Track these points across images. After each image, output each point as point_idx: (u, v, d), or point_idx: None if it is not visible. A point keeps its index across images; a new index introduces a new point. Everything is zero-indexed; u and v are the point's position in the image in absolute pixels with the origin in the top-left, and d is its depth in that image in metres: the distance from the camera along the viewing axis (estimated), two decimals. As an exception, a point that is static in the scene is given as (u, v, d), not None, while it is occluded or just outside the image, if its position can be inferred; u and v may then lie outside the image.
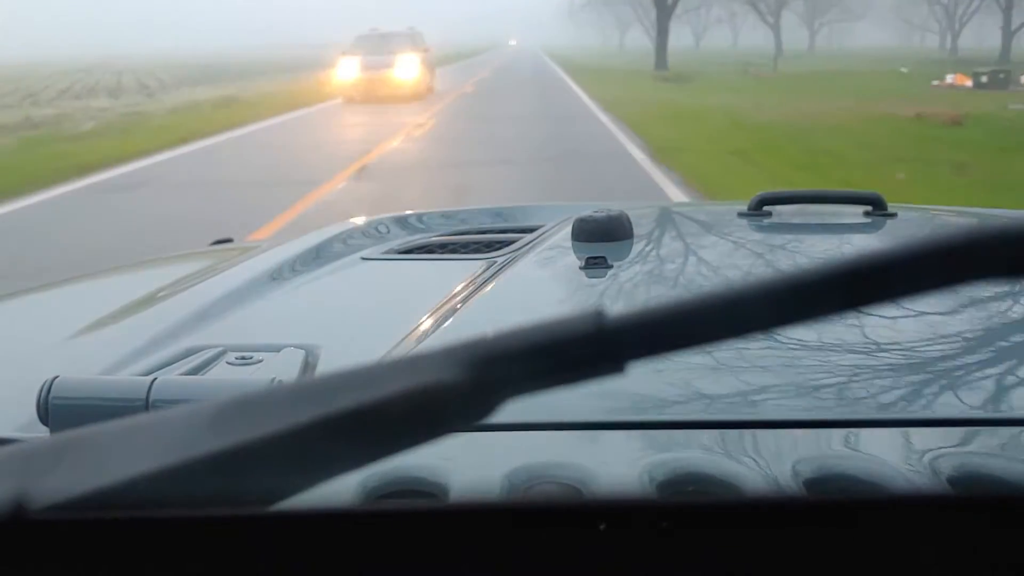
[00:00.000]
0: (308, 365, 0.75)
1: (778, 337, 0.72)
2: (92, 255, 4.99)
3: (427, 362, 0.26)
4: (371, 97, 16.79)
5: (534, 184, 7.52)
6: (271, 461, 0.26)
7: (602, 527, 0.21)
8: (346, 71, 17.89)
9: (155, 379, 0.60)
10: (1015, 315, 0.80)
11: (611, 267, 0.96)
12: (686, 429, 0.59)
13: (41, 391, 0.58)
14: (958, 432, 0.58)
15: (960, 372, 0.69)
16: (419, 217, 1.51)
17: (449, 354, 0.26)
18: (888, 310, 0.77)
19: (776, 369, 0.68)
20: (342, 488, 0.45)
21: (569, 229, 1.09)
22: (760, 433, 0.58)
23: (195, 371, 0.72)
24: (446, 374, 0.26)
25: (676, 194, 6.76)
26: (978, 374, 0.69)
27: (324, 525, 0.22)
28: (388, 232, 1.39)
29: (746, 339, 0.25)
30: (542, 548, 0.21)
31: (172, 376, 0.66)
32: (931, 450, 0.55)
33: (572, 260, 1.00)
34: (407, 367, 0.26)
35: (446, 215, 1.51)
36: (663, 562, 0.21)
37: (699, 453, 0.55)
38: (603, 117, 13.25)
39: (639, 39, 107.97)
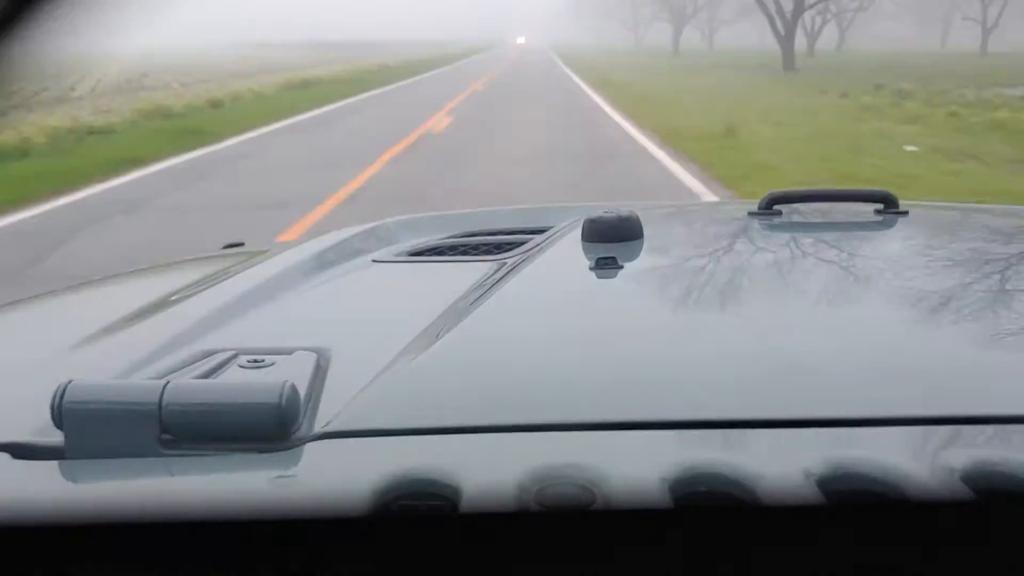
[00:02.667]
0: (320, 368, 0.75)
1: (788, 336, 0.71)
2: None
3: None
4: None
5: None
6: None
7: (615, 525, 0.21)
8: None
9: (168, 383, 0.60)
10: (1019, 311, 0.81)
11: (621, 267, 0.96)
12: (699, 429, 0.59)
13: (55, 396, 0.59)
14: (967, 430, 0.58)
15: (968, 369, 0.69)
16: (430, 219, 1.51)
17: None
18: (891, 311, 0.78)
19: (787, 368, 0.68)
20: (356, 491, 0.46)
21: (579, 230, 1.09)
22: (771, 433, 0.58)
23: (208, 374, 0.73)
24: None
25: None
26: (986, 371, 0.69)
27: (339, 528, 0.22)
28: (399, 234, 1.40)
29: (759, 340, 0.23)
30: (555, 547, 0.21)
31: (185, 380, 0.67)
32: (940, 448, 0.55)
33: (582, 261, 1.00)
34: None
35: (456, 217, 1.52)
36: (677, 560, 0.21)
37: (713, 453, 0.55)
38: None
39: (690, 39, 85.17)
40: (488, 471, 0.53)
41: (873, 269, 0.97)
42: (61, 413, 0.59)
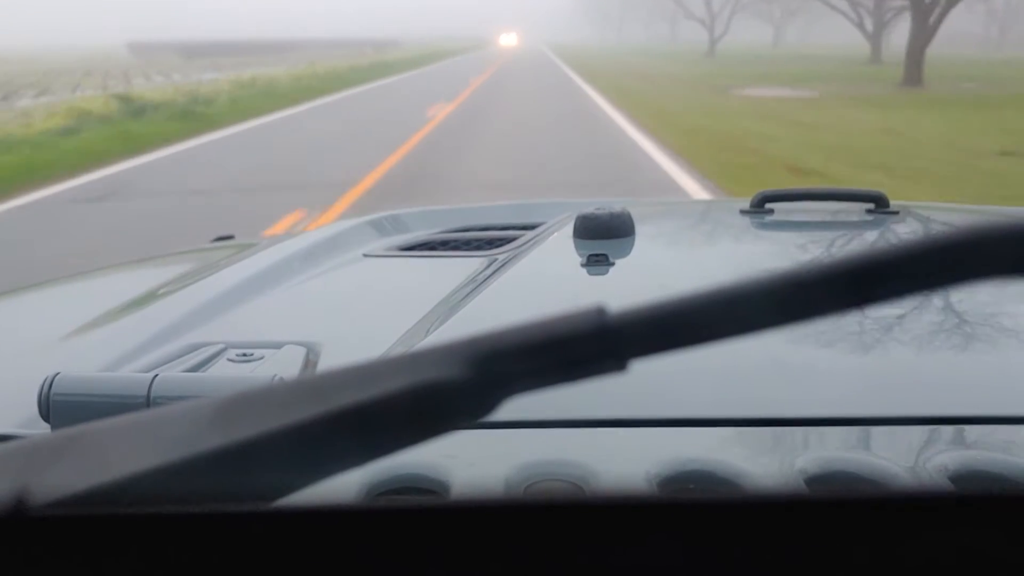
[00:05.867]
0: (309, 362, 0.76)
1: (780, 335, 0.69)
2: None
3: (429, 359, 0.26)
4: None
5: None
6: (273, 458, 0.26)
7: (603, 524, 0.21)
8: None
9: (156, 376, 0.60)
10: (1014, 312, 0.80)
11: (612, 264, 0.97)
12: (688, 427, 0.59)
13: (42, 388, 0.59)
14: (961, 430, 0.58)
15: (962, 370, 0.70)
16: (421, 213, 1.50)
17: (451, 351, 0.26)
18: (889, 308, 0.77)
19: (777, 367, 0.68)
20: (344, 485, 0.46)
21: (571, 226, 1.09)
22: (762, 431, 0.59)
23: (196, 368, 0.73)
24: (448, 371, 0.26)
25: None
26: (981, 372, 0.69)
27: (326, 522, 0.22)
28: (390, 228, 1.39)
29: (749, 337, 0.25)
30: (543, 546, 0.21)
31: (173, 373, 0.66)
32: (933, 448, 0.55)
33: (573, 257, 1.00)
34: (409, 364, 0.27)
35: (448, 212, 1.51)
36: (664, 560, 0.21)
37: (701, 451, 0.55)
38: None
39: (746, 32, 70.61)
40: (476, 467, 0.54)
41: None
42: (48, 405, 0.59)
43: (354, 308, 0.97)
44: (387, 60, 35.39)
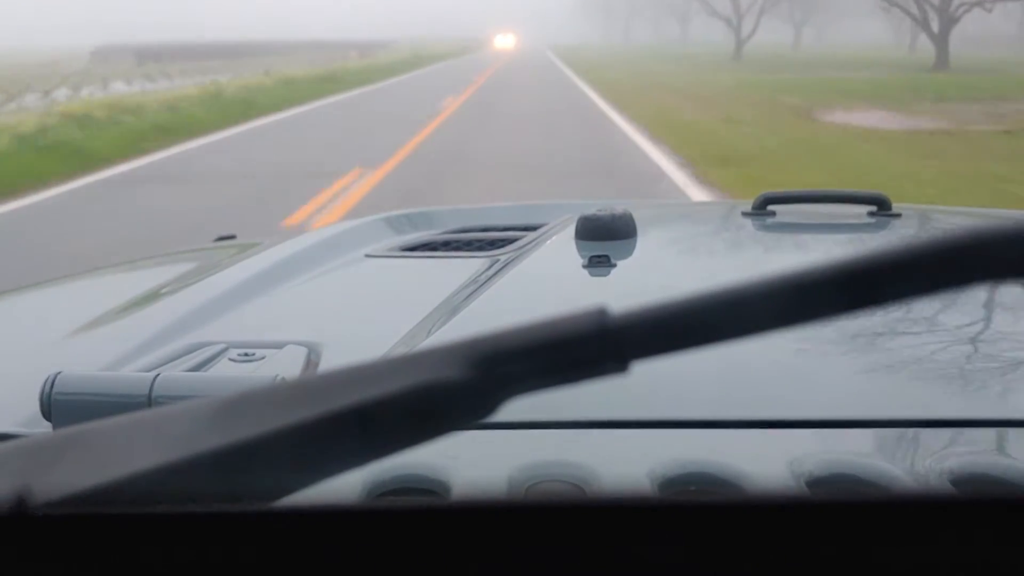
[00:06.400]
0: (311, 362, 0.76)
1: (781, 337, 0.68)
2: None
3: (430, 360, 0.26)
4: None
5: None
6: (274, 458, 0.26)
7: (605, 525, 0.21)
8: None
9: (158, 375, 0.60)
10: (1017, 316, 0.80)
11: (614, 266, 0.97)
12: (689, 428, 0.59)
13: (44, 387, 0.59)
14: (963, 433, 0.58)
15: (963, 372, 0.70)
16: (423, 214, 1.51)
17: (452, 352, 0.26)
18: (890, 310, 0.76)
19: (778, 369, 0.68)
20: (345, 485, 0.47)
21: (572, 228, 1.09)
22: (764, 433, 0.59)
23: (198, 367, 0.73)
24: (449, 372, 0.26)
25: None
26: (983, 375, 0.69)
27: (326, 522, 0.22)
28: (392, 229, 1.39)
29: (751, 339, 0.25)
30: (544, 546, 0.21)
31: (175, 372, 0.67)
32: (936, 451, 0.55)
33: (575, 258, 1.01)
34: (410, 365, 0.27)
35: (450, 212, 1.52)
36: (665, 561, 0.21)
37: (702, 453, 0.55)
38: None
39: (769, 34, 57.14)
40: (477, 467, 0.54)
41: None
42: (50, 404, 0.59)
43: (356, 308, 0.98)
44: (348, 69, 27.19)
